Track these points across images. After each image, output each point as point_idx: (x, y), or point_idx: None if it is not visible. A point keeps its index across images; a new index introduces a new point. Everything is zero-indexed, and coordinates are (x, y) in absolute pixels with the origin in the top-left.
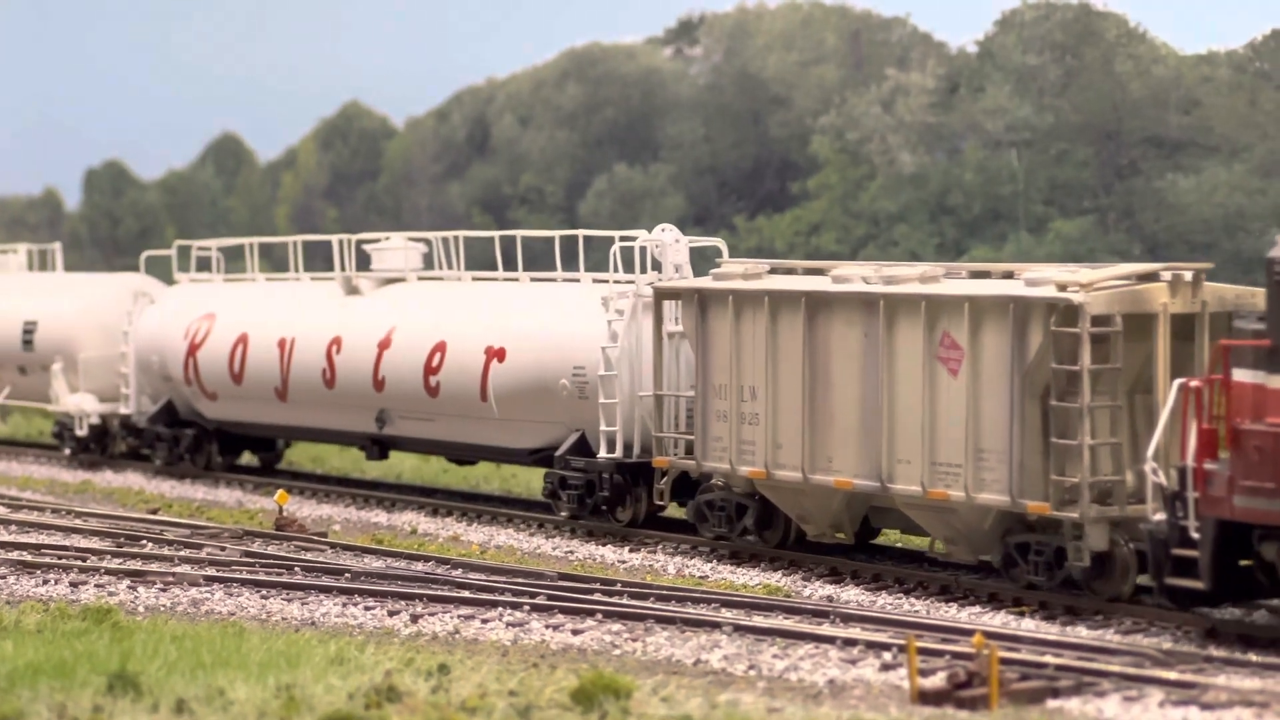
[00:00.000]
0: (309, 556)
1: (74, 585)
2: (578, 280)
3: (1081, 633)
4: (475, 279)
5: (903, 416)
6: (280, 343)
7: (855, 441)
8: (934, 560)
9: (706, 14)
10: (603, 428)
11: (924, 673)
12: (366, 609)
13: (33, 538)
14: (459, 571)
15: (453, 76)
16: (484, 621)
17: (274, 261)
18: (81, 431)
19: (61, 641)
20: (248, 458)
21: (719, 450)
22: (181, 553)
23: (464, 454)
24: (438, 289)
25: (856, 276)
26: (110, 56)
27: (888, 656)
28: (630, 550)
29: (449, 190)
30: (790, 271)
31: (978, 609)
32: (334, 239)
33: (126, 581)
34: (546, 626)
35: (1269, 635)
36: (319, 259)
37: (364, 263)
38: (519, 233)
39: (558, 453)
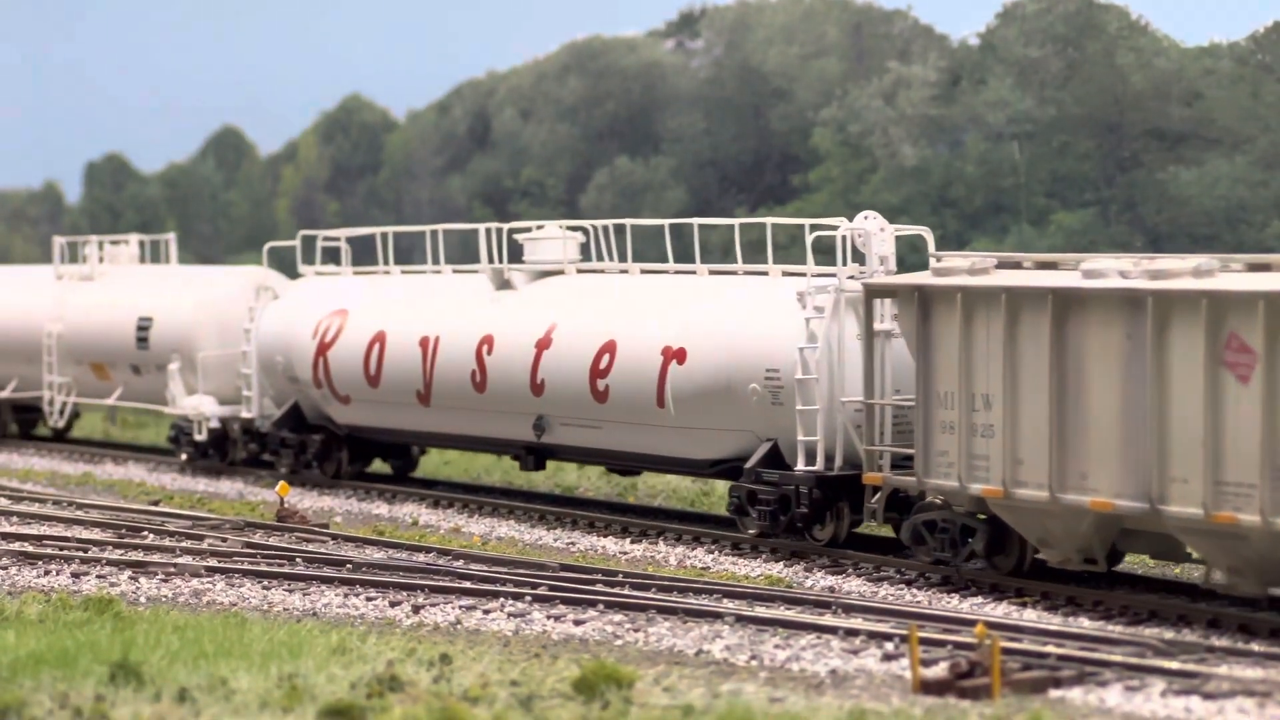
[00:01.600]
0: (311, 548)
1: (76, 576)
2: (765, 274)
3: (1083, 623)
4: (644, 271)
5: (1177, 429)
6: (423, 342)
7: (1116, 457)
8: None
9: (708, 7)
10: (800, 437)
11: (926, 663)
12: (368, 600)
13: (34, 529)
14: (460, 562)
15: (453, 70)
16: (486, 612)
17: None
18: (200, 436)
19: (63, 632)
20: (378, 465)
21: (944, 466)
22: (183, 544)
23: (634, 464)
24: (603, 283)
25: (1112, 271)
26: (110, 49)
27: (890, 647)
28: (632, 541)
29: (450, 184)
30: (1017, 266)
31: (979, 599)
32: (480, 228)
33: (128, 572)
34: (548, 617)
35: (1270, 625)
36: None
37: (505, 254)
38: (695, 220)
39: (748, 464)
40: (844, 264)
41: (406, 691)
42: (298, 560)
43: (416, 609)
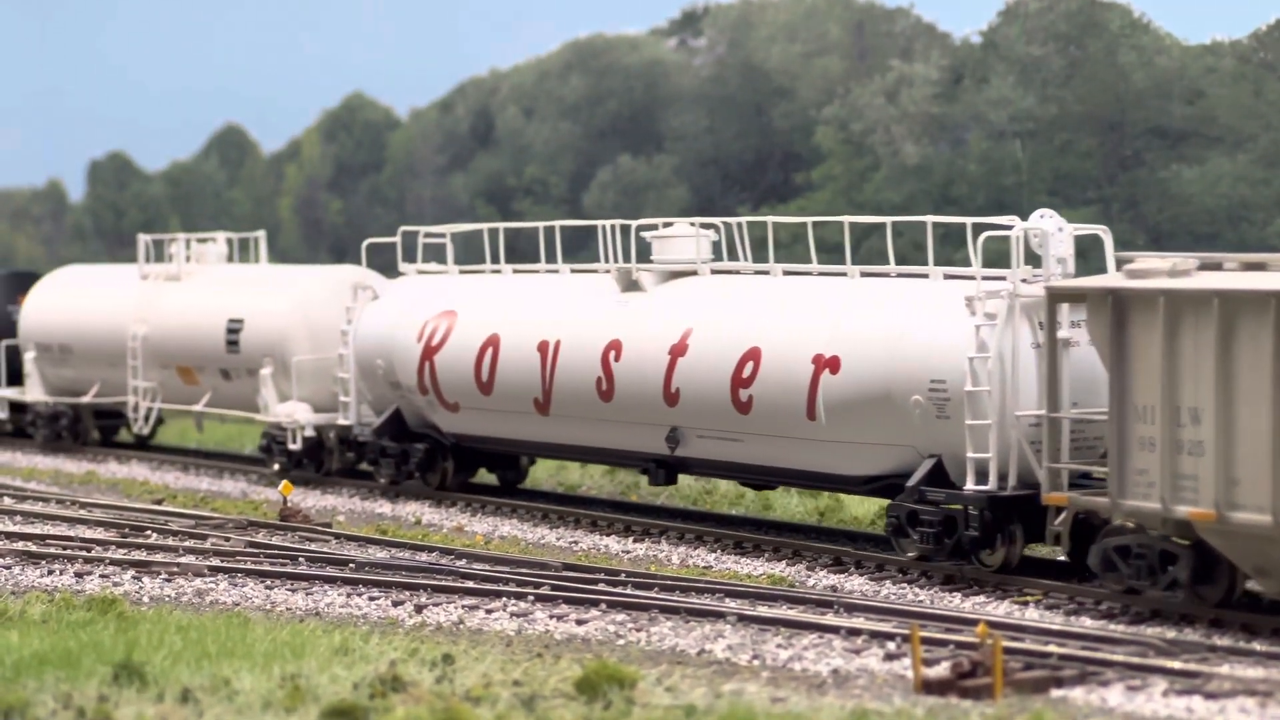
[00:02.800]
0: (313, 547)
1: (79, 576)
2: (925, 276)
3: (1085, 623)
4: (787, 273)
5: None
6: (541, 346)
7: None
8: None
9: (710, 5)
10: (970, 454)
11: (928, 662)
12: (371, 599)
13: (38, 528)
14: (463, 562)
15: (456, 68)
16: (488, 611)
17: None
18: (295, 445)
19: (67, 632)
20: (483, 476)
21: (1143, 486)
22: (186, 543)
23: (778, 479)
24: (742, 285)
25: None
26: (114, 48)
27: (892, 646)
28: (634, 541)
29: (453, 182)
30: (1217, 266)
31: (981, 599)
32: (601, 224)
33: (131, 572)
34: (551, 616)
35: (1272, 625)
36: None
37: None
38: (845, 219)
39: (910, 482)
40: (1017, 266)
41: (409, 692)
42: (301, 560)
43: (419, 609)
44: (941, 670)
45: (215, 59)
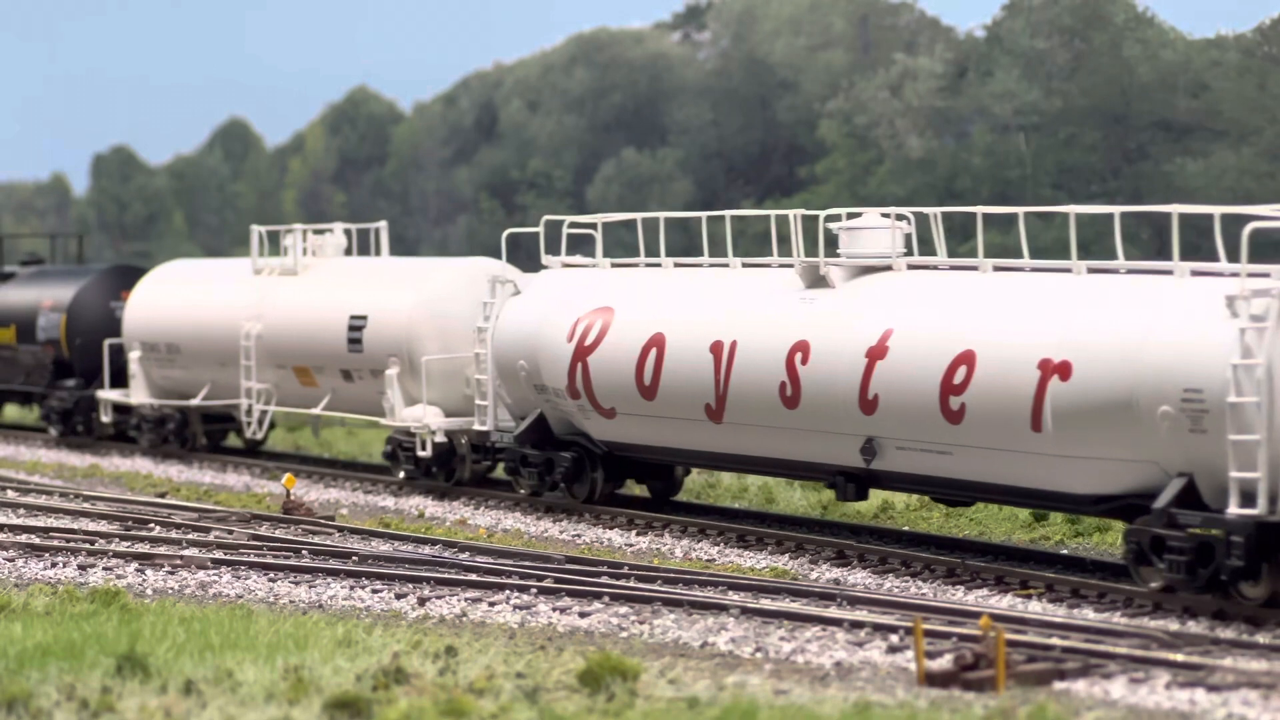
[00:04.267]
0: (317, 540)
1: (82, 568)
2: (1169, 272)
3: (1088, 615)
4: (998, 268)
5: None
6: (715, 348)
7: None
8: (940, 543)
9: None
10: (1233, 473)
11: (931, 655)
12: (374, 592)
13: (41, 521)
14: (466, 555)
15: (460, 61)
16: (491, 604)
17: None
18: (424, 452)
19: (70, 624)
20: (631, 486)
21: None
22: (189, 536)
23: (990, 496)
24: (948, 281)
25: None
26: (118, 42)
27: (895, 639)
28: (637, 534)
29: (457, 175)
30: None
31: (984, 591)
32: (790, 214)
33: (134, 564)
34: (554, 609)
35: (1276, 617)
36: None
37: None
38: (1072, 209)
39: (1157, 504)
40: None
41: (412, 684)
42: (304, 552)
43: (422, 601)
44: (944, 663)
45: (219, 53)
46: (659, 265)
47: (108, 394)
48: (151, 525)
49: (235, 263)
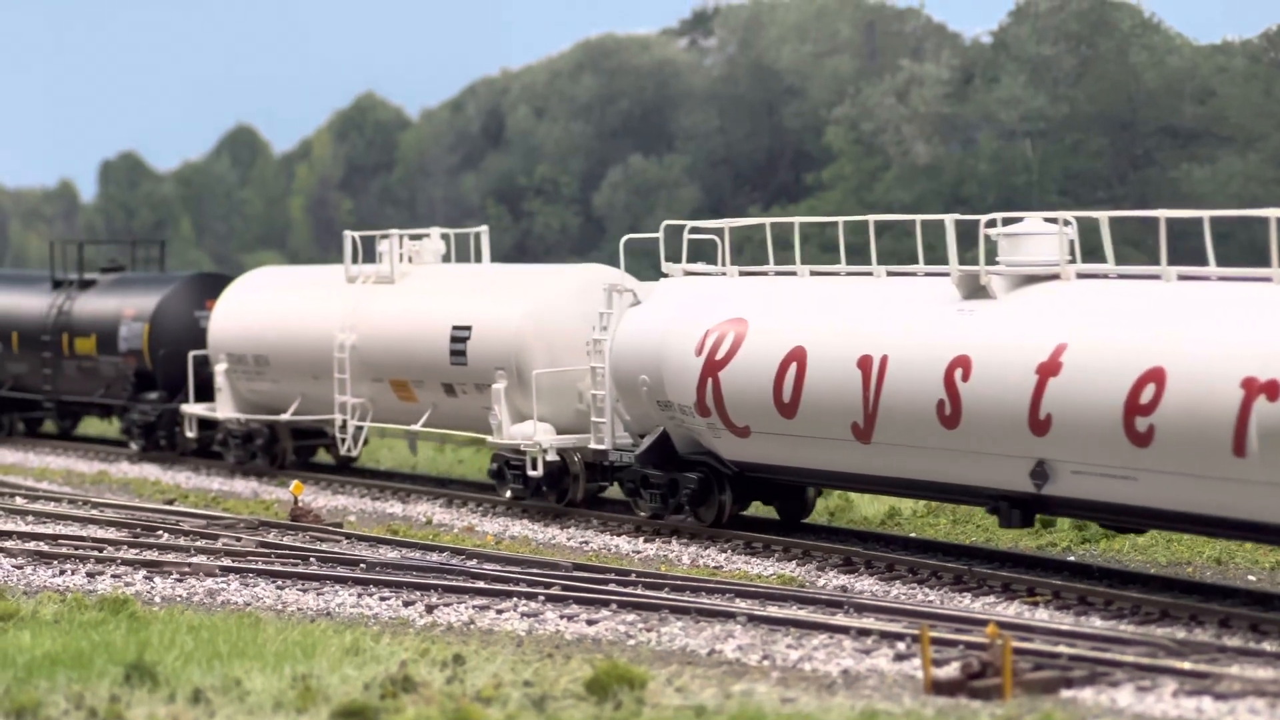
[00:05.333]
0: (324, 547)
1: (91, 576)
2: None
3: (1095, 623)
4: (1183, 277)
5: None
6: (863, 362)
7: None
8: (948, 550)
9: (721, 5)
10: None
11: (938, 663)
12: (382, 599)
13: (50, 528)
14: (474, 562)
15: (467, 68)
16: (499, 612)
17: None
18: (535, 471)
19: (78, 632)
20: (756, 507)
21: None
22: (198, 543)
23: (1184, 526)
24: (1126, 291)
25: None
26: (126, 49)
27: (902, 647)
28: (645, 541)
29: (464, 182)
30: None
31: (991, 599)
32: (945, 219)
33: (143, 572)
34: (561, 617)
35: None
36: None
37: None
38: (1272, 211)
39: None
40: None
41: (420, 692)
42: (312, 560)
43: (430, 609)
44: (951, 671)
45: (227, 59)
46: (794, 274)
47: (192, 408)
48: (160, 532)
49: (327, 270)
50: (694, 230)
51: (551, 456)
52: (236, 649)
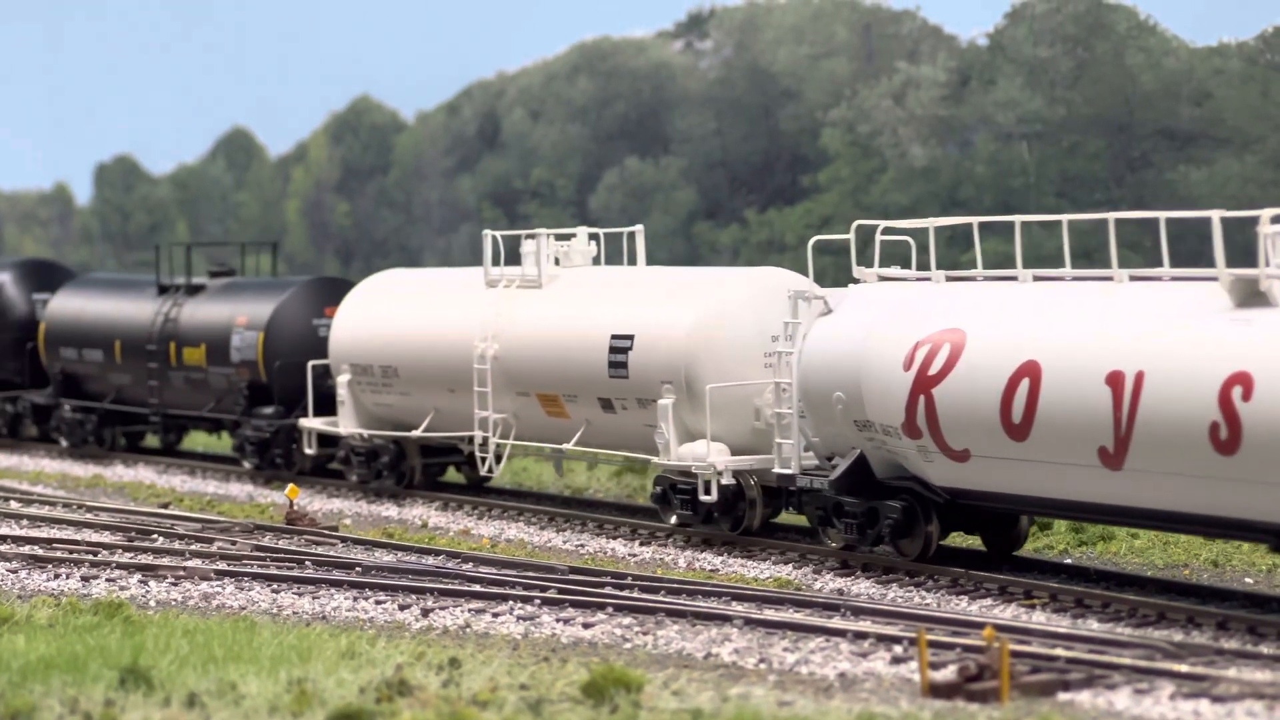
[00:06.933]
0: (320, 551)
1: (85, 580)
2: None
3: (1093, 626)
4: None
5: None
6: (1113, 379)
7: None
8: (944, 552)
9: (717, 8)
10: None
11: (935, 666)
12: (377, 603)
13: (44, 532)
14: (470, 565)
15: (463, 70)
16: (495, 615)
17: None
18: (708, 496)
19: (73, 636)
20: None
21: None
22: (193, 547)
23: None
24: None
25: None
26: (121, 51)
27: (899, 650)
28: (641, 544)
29: (460, 184)
30: None
31: (988, 602)
32: (1212, 215)
33: (138, 576)
34: (557, 620)
35: None
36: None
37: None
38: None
39: None
40: None
41: (415, 696)
42: (307, 563)
43: (426, 612)
44: (948, 673)
45: (222, 62)
46: (1013, 279)
47: (311, 422)
48: (155, 536)
49: (462, 273)
50: (887, 231)
51: (727, 480)
52: (231, 653)
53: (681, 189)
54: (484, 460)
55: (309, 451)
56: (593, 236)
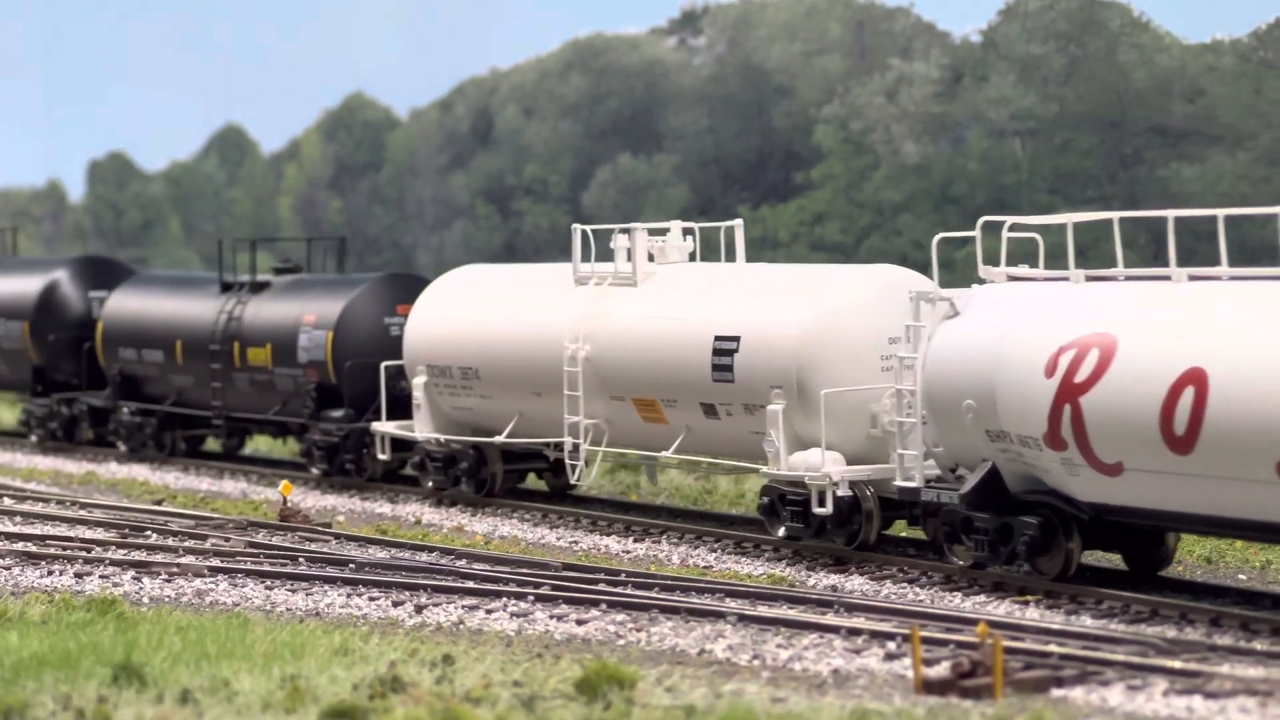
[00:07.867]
0: (313, 547)
1: (79, 576)
2: None
3: (1086, 622)
4: None
5: None
6: None
7: None
8: (938, 548)
9: (710, 4)
10: None
11: (928, 662)
12: (371, 599)
13: (38, 529)
14: (463, 562)
15: (456, 67)
16: (488, 612)
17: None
18: (822, 508)
19: (66, 633)
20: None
21: None
22: (186, 543)
23: None
24: None
25: None
26: (112, 48)
27: (892, 646)
28: (635, 540)
29: (453, 181)
30: None
31: (982, 598)
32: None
33: (131, 572)
34: (551, 617)
35: (1273, 624)
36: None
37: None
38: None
39: None
40: None
41: (409, 692)
42: (301, 560)
43: (419, 609)
44: (942, 670)
45: (215, 59)
46: (1166, 278)
47: (385, 426)
48: (148, 533)
49: (547, 269)
50: (1014, 227)
51: (843, 491)
52: (225, 649)
53: (674, 186)
54: (574, 468)
55: (382, 457)
56: (688, 231)
